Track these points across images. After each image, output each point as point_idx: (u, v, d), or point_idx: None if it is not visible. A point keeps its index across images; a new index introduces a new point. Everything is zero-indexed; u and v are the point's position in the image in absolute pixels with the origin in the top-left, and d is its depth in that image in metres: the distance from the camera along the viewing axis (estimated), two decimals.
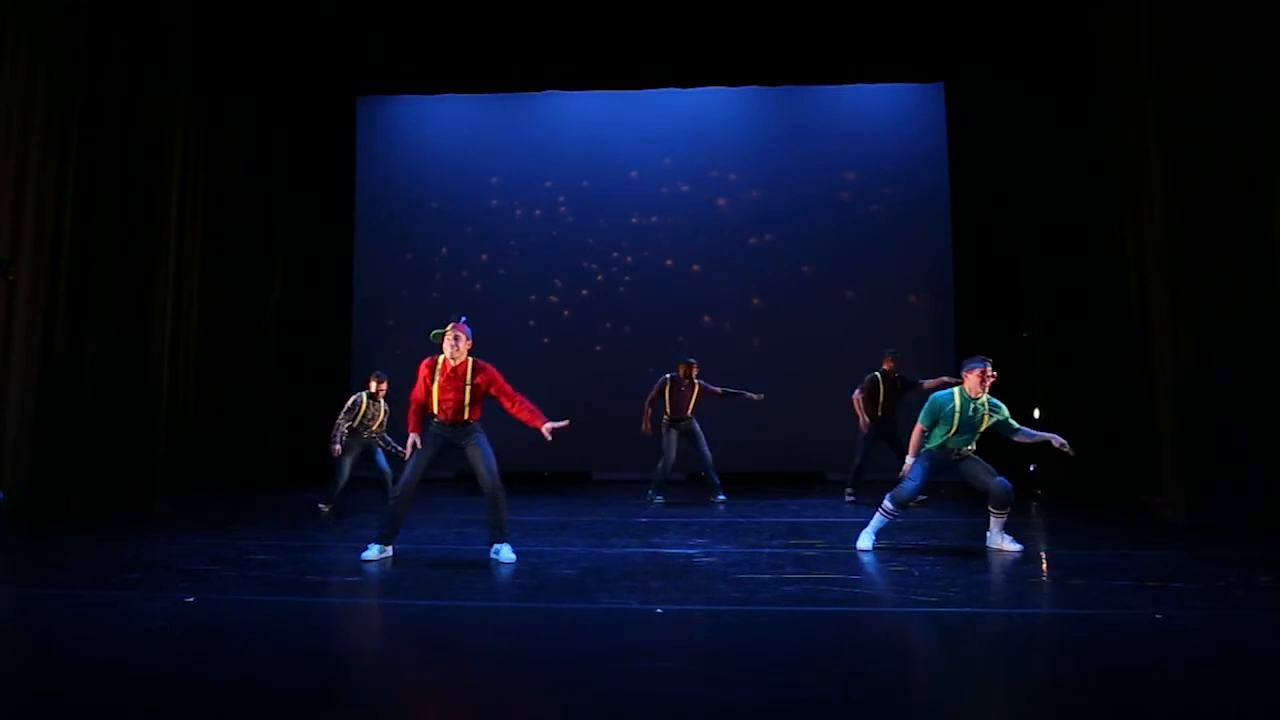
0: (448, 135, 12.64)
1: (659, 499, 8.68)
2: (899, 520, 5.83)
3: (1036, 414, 10.26)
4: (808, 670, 3.12)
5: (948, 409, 5.55)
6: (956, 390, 5.60)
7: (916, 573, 4.87)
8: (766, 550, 5.70)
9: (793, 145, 12.16)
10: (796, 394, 11.51)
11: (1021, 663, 3.20)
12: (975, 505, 8.32)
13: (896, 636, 3.75)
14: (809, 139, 12.15)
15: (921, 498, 8.38)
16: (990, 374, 5.55)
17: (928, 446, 5.66)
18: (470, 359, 5.39)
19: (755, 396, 9.11)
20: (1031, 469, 10.36)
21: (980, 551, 5.59)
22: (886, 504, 5.65)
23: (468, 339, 5.36)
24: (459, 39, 11.22)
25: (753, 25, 10.99)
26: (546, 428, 5.31)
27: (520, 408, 5.40)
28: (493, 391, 5.39)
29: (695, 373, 8.89)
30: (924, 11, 10.66)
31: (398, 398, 8.34)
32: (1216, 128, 7.27)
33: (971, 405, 5.55)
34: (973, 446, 5.64)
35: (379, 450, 7.96)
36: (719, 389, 9.02)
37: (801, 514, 7.78)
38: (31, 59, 7.36)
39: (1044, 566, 5.18)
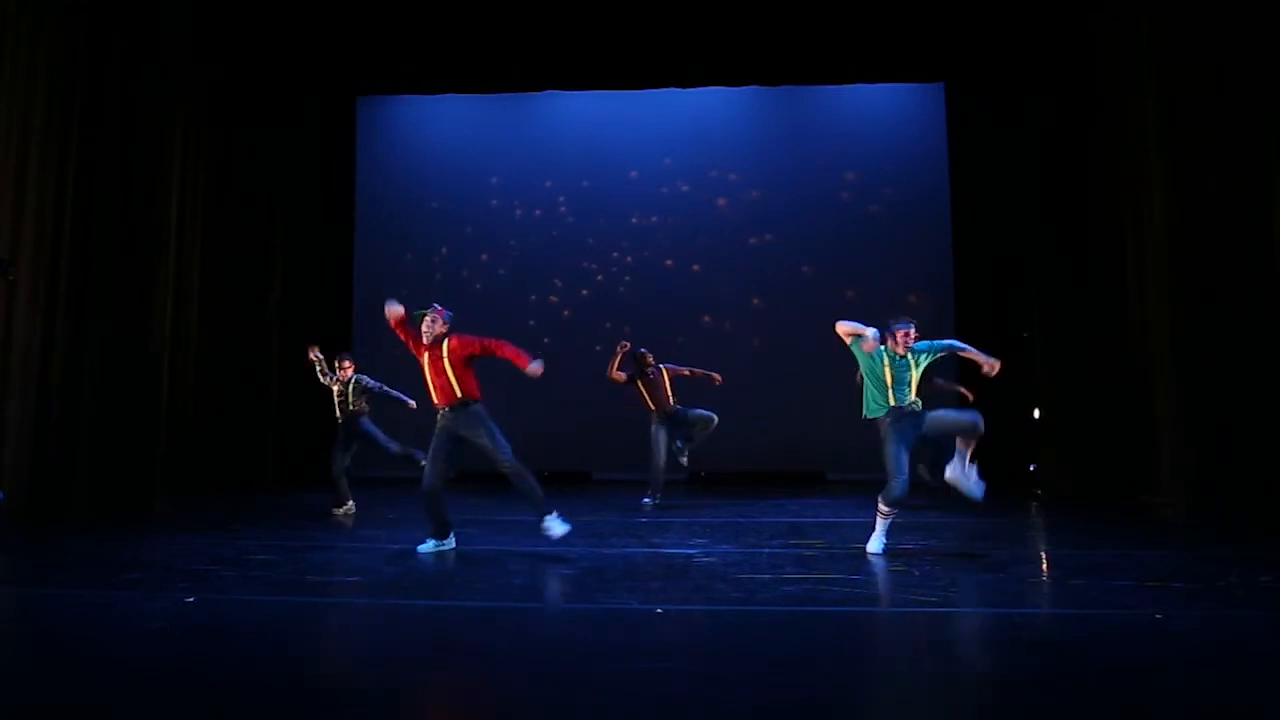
0: (448, 135, 12.64)
1: (646, 500, 8.52)
2: (898, 520, 5.78)
3: (1037, 414, 10.27)
4: (808, 670, 3.11)
5: (877, 361, 5.57)
6: (883, 349, 5.62)
7: (916, 573, 4.87)
8: (766, 550, 5.70)
9: (793, 145, 12.15)
10: (796, 394, 11.51)
11: (1021, 663, 3.20)
12: (974, 506, 8.31)
13: (896, 636, 3.75)
14: (809, 139, 12.15)
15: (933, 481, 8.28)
16: (911, 335, 5.59)
17: (876, 415, 5.57)
18: (446, 338, 5.56)
19: (717, 379, 8.86)
20: (1032, 469, 10.37)
21: (980, 553, 5.58)
22: (881, 506, 5.57)
23: (444, 323, 5.59)
24: (459, 39, 11.21)
25: (753, 25, 10.98)
26: (531, 367, 5.49)
27: (503, 351, 5.56)
28: (476, 351, 5.54)
29: (650, 360, 8.83)
30: (924, 12, 10.65)
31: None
32: (1216, 128, 7.27)
33: (897, 359, 5.56)
34: (915, 401, 5.56)
35: (376, 432, 7.99)
36: (685, 370, 8.88)
37: (801, 514, 7.78)
38: (31, 59, 7.36)
39: (1044, 566, 5.18)
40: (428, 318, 5.60)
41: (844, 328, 5.73)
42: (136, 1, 8.21)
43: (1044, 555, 5.62)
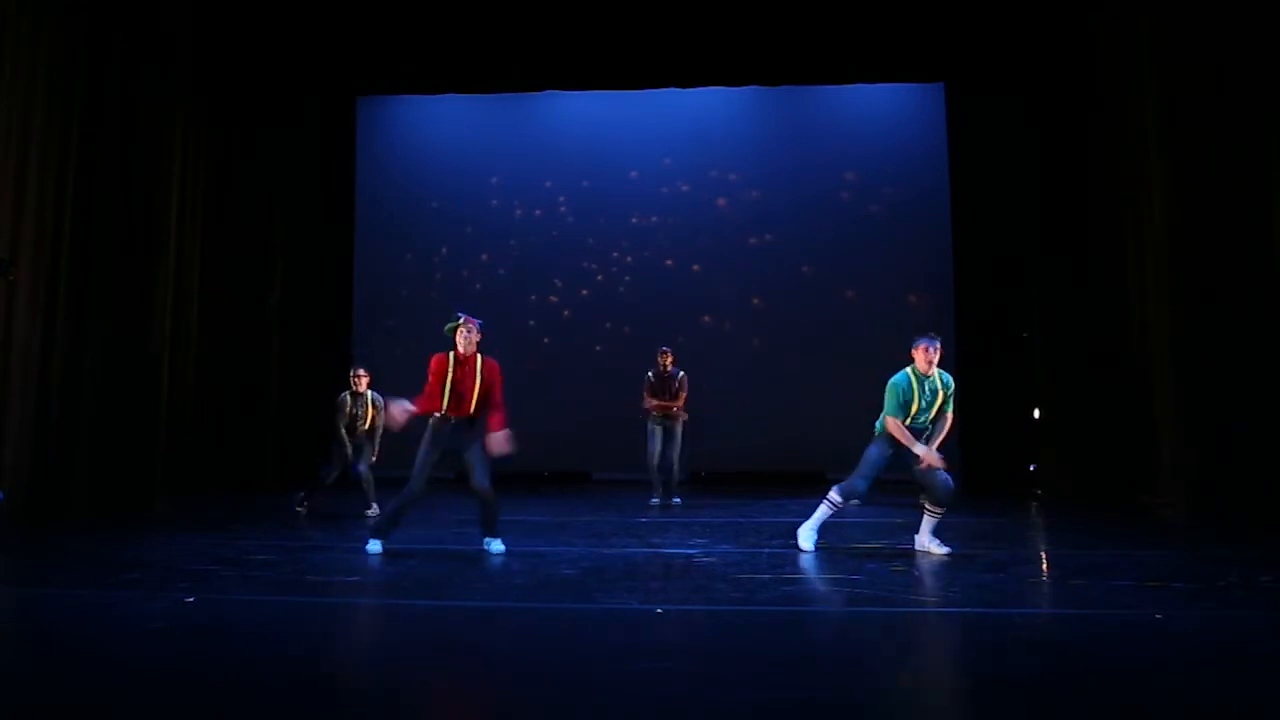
0: (448, 135, 12.64)
1: (655, 501, 8.65)
2: (899, 520, 5.79)
3: (1037, 414, 10.28)
4: (808, 670, 3.11)
5: (908, 390, 5.44)
6: (908, 369, 5.51)
7: (916, 573, 4.87)
8: (766, 550, 5.70)
9: (793, 145, 12.15)
10: (796, 394, 11.51)
11: (1021, 663, 3.20)
12: (974, 506, 8.32)
13: (896, 636, 3.75)
14: (809, 139, 12.15)
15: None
16: (934, 350, 5.47)
17: (886, 429, 5.51)
18: (479, 354, 5.60)
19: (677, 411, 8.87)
20: (1032, 469, 10.37)
21: (980, 554, 5.58)
22: (833, 495, 5.57)
23: (478, 332, 5.60)
24: (459, 39, 11.21)
25: (753, 25, 10.98)
26: (497, 438, 5.45)
27: (494, 411, 5.55)
28: (494, 386, 5.57)
29: (670, 360, 8.85)
30: (924, 12, 10.65)
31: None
32: (1216, 128, 7.27)
33: (925, 382, 5.47)
34: (928, 426, 5.52)
35: (364, 454, 7.95)
36: (684, 392, 8.87)
37: (801, 514, 7.69)
38: (31, 59, 7.36)
39: (1044, 566, 5.18)
40: (461, 329, 5.55)
41: (898, 433, 5.47)
42: (136, 1, 8.21)
43: (1044, 555, 5.62)
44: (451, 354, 5.56)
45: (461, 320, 5.58)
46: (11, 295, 7.16)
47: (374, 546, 5.53)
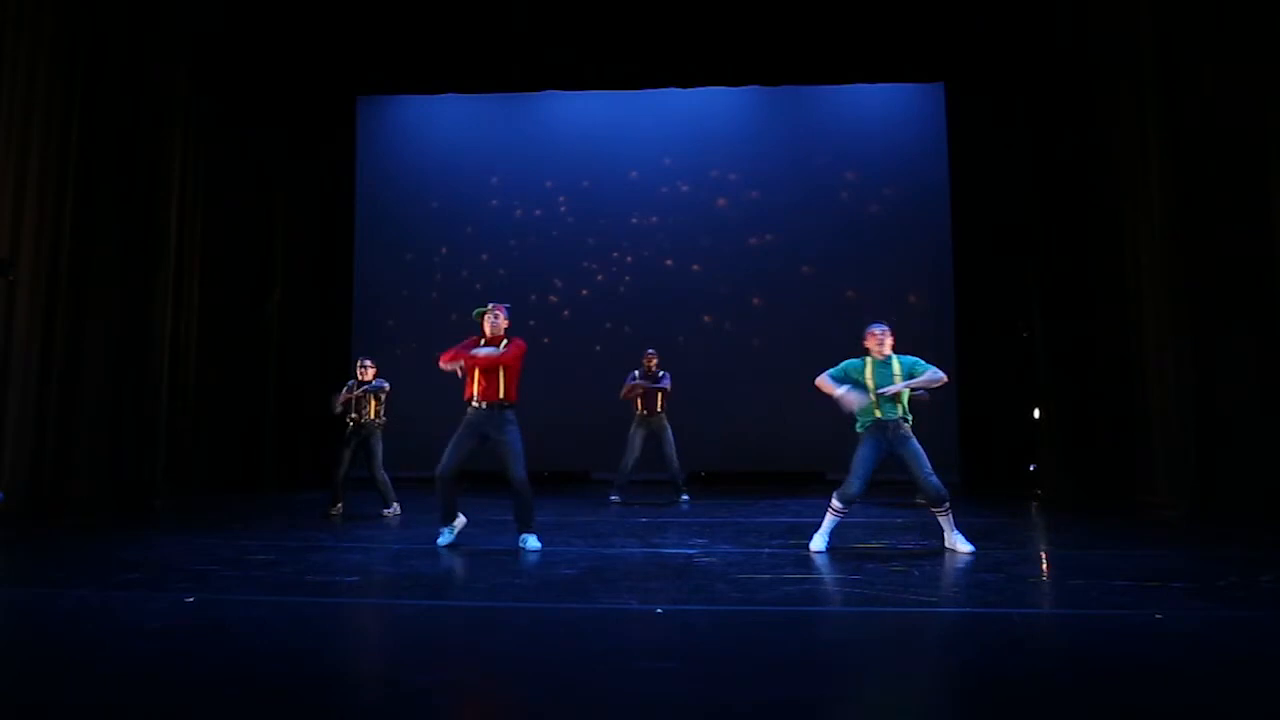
0: (448, 135, 12.64)
1: (615, 498, 8.69)
2: (899, 520, 5.82)
3: (1037, 414, 10.27)
4: (808, 670, 3.11)
5: (858, 370, 5.64)
6: (865, 357, 5.70)
7: (916, 573, 4.87)
8: (766, 550, 5.70)
9: (793, 145, 12.16)
10: (797, 394, 11.48)
11: (1021, 663, 3.20)
12: (973, 505, 8.33)
13: (896, 636, 3.74)
14: (809, 139, 12.15)
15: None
16: (881, 334, 5.68)
17: (862, 424, 5.65)
18: (506, 337, 5.80)
19: (655, 387, 8.92)
20: (1032, 469, 10.36)
21: (980, 553, 5.58)
22: (834, 503, 5.69)
23: (505, 318, 5.82)
24: (459, 39, 11.22)
25: (753, 25, 10.99)
26: (483, 352, 5.61)
27: (501, 358, 5.66)
28: (520, 355, 5.76)
29: (655, 364, 8.89)
30: (924, 12, 10.65)
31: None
32: (1216, 128, 7.27)
33: (880, 368, 5.61)
34: (905, 416, 5.62)
35: (377, 450, 7.92)
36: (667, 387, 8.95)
37: (801, 514, 7.77)
38: (31, 59, 7.36)
39: (1044, 566, 5.18)
40: (488, 314, 5.78)
41: (823, 385, 5.79)
42: (137, 2, 8.21)
43: (1044, 555, 5.62)
44: (481, 339, 5.77)
45: (489, 306, 5.81)
46: (11, 295, 7.17)
47: (443, 537, 5.80)
